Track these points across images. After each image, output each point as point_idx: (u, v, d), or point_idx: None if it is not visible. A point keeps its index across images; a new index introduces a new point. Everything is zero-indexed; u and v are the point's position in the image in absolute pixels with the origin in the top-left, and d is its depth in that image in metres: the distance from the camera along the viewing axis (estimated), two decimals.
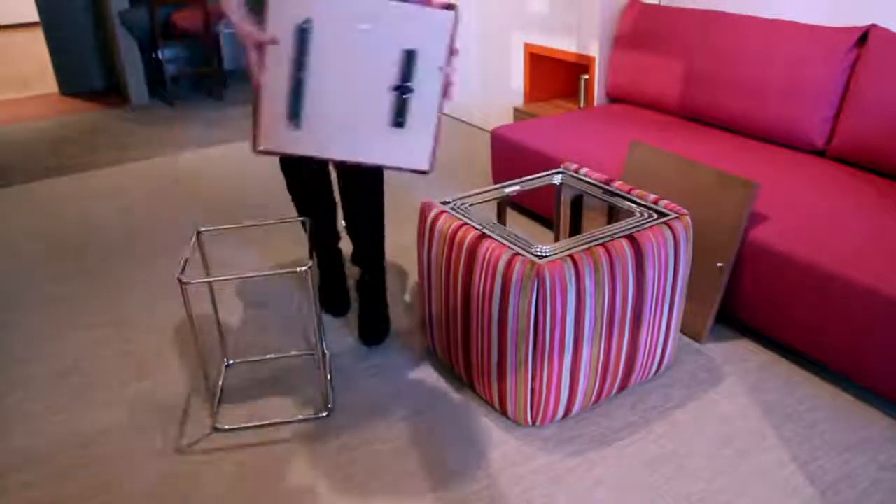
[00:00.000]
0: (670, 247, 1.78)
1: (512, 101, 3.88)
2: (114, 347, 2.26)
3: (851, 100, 2.37)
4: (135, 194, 3.51)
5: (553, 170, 2.16)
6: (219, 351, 2.20)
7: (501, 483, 1.66)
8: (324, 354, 2.14)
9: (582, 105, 3.44)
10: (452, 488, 1.65)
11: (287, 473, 1.72)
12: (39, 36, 8.20)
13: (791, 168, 2.40)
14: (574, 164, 2.14)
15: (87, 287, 2.64)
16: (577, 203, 2.16)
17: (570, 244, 1.69)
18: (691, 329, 2.15)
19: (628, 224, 1.79)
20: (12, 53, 7.40)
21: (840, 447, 1.72)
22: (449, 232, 1.81)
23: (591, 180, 2.05)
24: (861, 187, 2.23)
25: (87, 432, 1.89)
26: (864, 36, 2.40)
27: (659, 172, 2.23)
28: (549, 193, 2.75)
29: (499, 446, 1.77)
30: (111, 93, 5.62)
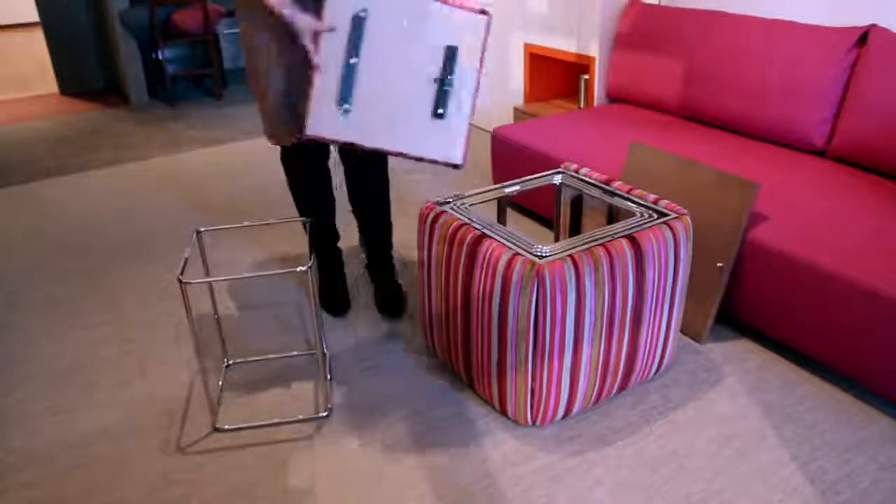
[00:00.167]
0: (670, 247, 1.78)
1: (512, 101, 3.88)
2: (114, 347, 2.26)
3: (851, 100, 2.37)
4: (135, 194, 3.51)
5: (553, 170, 2.16)
6: (219, 351, 2.20)
7: (501, 483, 1.66)
8: (324, 354, 2.14)
9: (582, 105, 3.44)
10: (453, 488, 1.65)
11: (287, 473, 1.72)
12: (39, 36, 8.21)
13: (791, 168, 2.40)
14: (574, 164, 2.14)
15: (87, 287, 2.64)
16: (577, 203, 2.16)
17: (570, 244, 1.69)
18: (691, 329, 2.15)
19: (628, 224, 1.79)
20: (12, 53, 7.40)
21: (840, 447, 1.72)
22: (449, 232, 1.81)
23: (591, 180, 2.05)
24: (861, 187, 2.24)
25: (87, 432, 1.89)
26: (864, 36, 2.40)
27: (659, 172, 2.23)
28: (549, 193, 2.76)
29: (499, 446, 1.77)
30: (111, 93, 5.62)
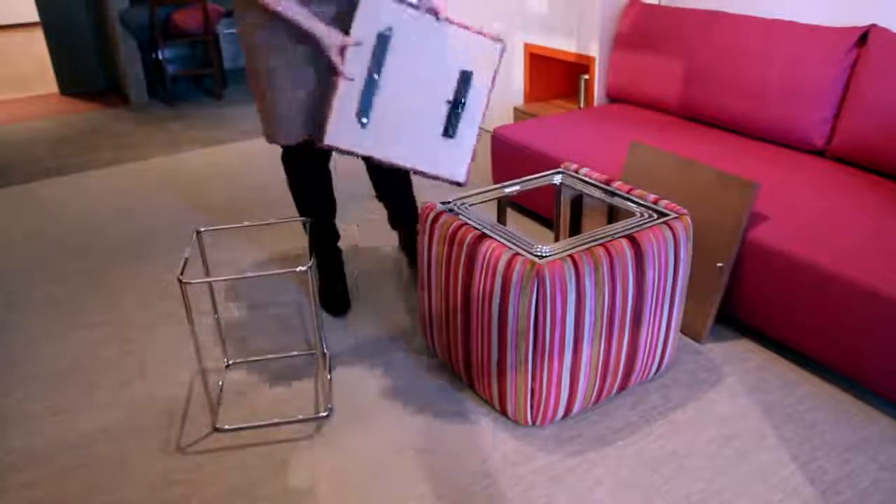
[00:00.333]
0: (670, 247, 1.78)
1: (512, 101, 3.88)
2: (114, 347, 2.26)
3: (851, 100, 2.37)
4: (135, 194, 3.51)
5: (553, 170, 2.16)
6: (219, 351, 2.20)
7: (501, 483, 1.66)
8: (324, 354, 2.14)
9: (582, 105, 3.44)
10: (452, 488, 1.65)
11: (287, 473, 1.72)
12: (39, 36, 8.21)
13: (791, 168, 2.40)
14: (574, 164, 2.14)
15: (87, 287, 2.64)
16: (577, 203, 2.16)
17: (570, 244, 1.69)
18: (691, 329, 2.15)
19: (628, 224, 1.79)
20: (12, 53, 7.40)
21: (840, 447, 1.72)
22: (449, 232, 1.81)
23: (591, 180, 2.05)
24: (861, 187, 2.23)
25: (88, 432, 1.89)
26: (864, 36, 2.40)
27: (659, 172, 2.23)
28: (549, 193, 2.76)
29: (499, 446, 1.77)
30: (111, 93, 5.62)
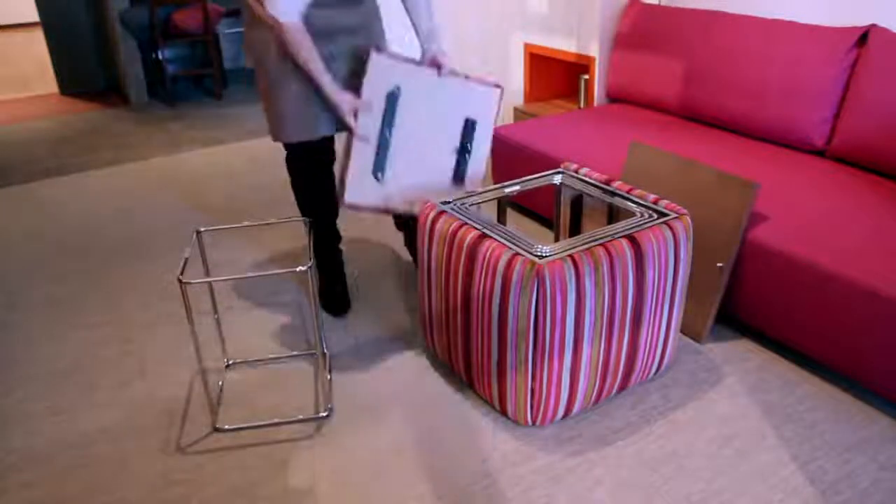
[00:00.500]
0: (670, 247, 1.78)
1: (512, 101, 3.88)
2: (114, 347, 2.26)
3: (851, 100, 2.37)
4: (135, 194, 3.51)
5: (553, 170, 2.16)
6: (219, 351, 2.20)
7: (501, 483, 1.66)
8: (324, 354, 2.14)
9: (582, 105, 3.44)
10: (452, 488, 1.65)
11: (287, 473, 1.72)
12: (39, 36, 8.21)
13: (791, 168, 2.40)
14: (574, 164, 2.14)
15: (87, 287, 2.64)
16: (577, 203, 2.16)
17: (570, 244, 1.69)
18: (691, 329, 2.15)
19: (628, 224, 1.78)
20: (12, 53, 7.40)
21: (840, 447, 1.72)
22: (449, 232, 1.81)
23: (591, 180, 2.05)
24: (861, 187, 2.23)
25: (88, 432, 1.89)
26: (864, 36, 2.40)
27: (659, 172, 2.23)
28: (549, 193, 2.75)
29: (499, 446, 1.77)
30: (111, 93, 5.62)
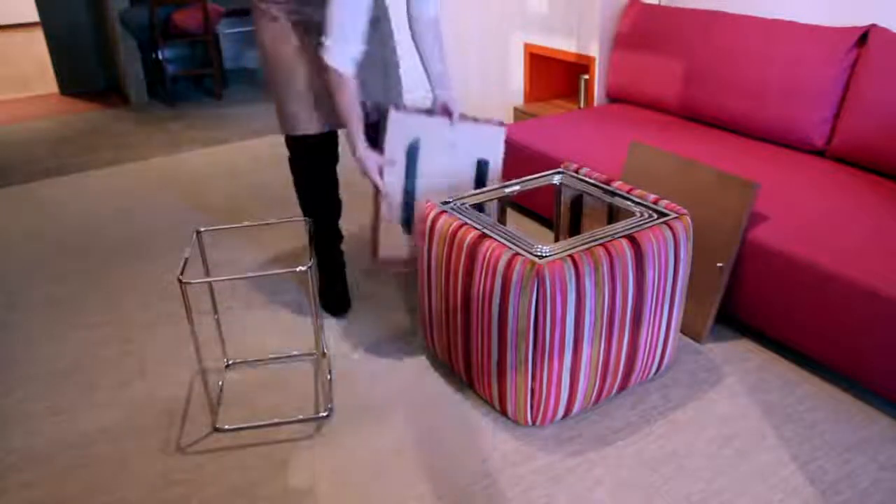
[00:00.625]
0: (670, 247, 1.78)
1: (512, 101, 3.88)
2: (114, 347, 2.26)
3: (851, 100, 2.37)
4: (135, 194, 3.51)
5: (553, 170, 2.16)
6: (219, 351, 2.20)
7: (501, 483, 1.66)
8: (324, 354, 2.14)
9: (582, 105, 3.44)
10: (452, 488, 1.65)
11: (287, 473, 1.72)
12: (39, 36, 8.20)
13: (791, 168, 2.40)
14: (574, 164, 2.14)
15: (87, 287, 2.64)
16: (577, 203, 2.16)
17: (570, 244, 1.69)
18: (691, 329, 2.15)
19: (628, 224, 1.78)
20: (12, 53, 7.40)
21: (840, 447, 1.72)
22: (449, 232, 1.81)
23: (591, 180, 2.05)
24: (861, 187, 2.23)
25: (88, 432, 1.89)
26: (864, 36, 2.40)
27: (659, 172, 2.23)
28: (549, 193, 2.75)
29: (499, 446, 1.77)
30: (111, 93, 5.62)
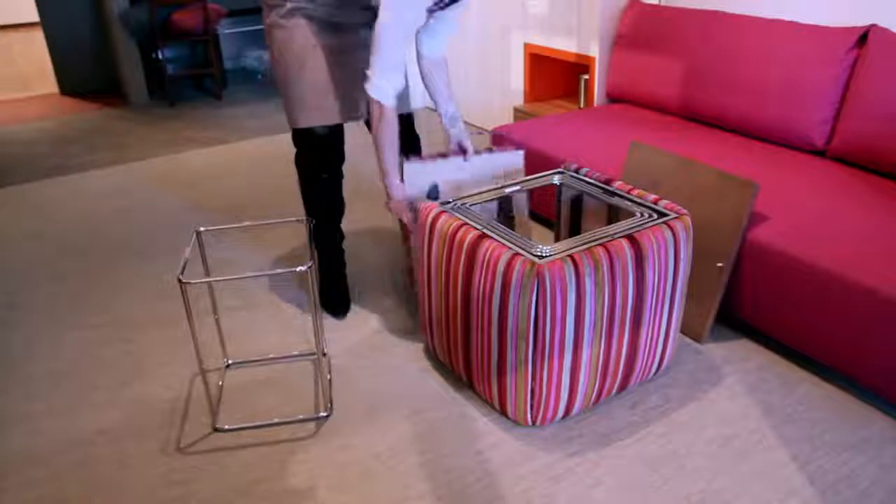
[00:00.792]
0: (670, 247, 1.78)
1: (512, 101, 3.88)
2: (114, 347, 2.26)
3: (851, 100, 2.37)
4: (135, 194, 3.51)
5: (553, 170, 2.16)
6: (219, 351, 2.20)
7: (501, 483, 1.66)
8: (324, 354, 2.14)
9: (582, 105, 3.44)
10: (452, 488, 1.65)
11: (287, 473, 1.72)
12: (39, 36, 8.20)
13: (791, 168, 2.40)
14: (574, 164, 2.14)
15: (87, 287, 2.64)
16: (577, 203, 2.16)
17: (570, 244, 1.69)
18: (691, 329, 2.15)
19: (628, 224, 1.78)
20: (12, 53, 7.40)
21: (840, 447, 1.72)
22: (449, 232, 1.81)
23: (591, 180, 2.05)
24: (861, 187, 2.23)
25: (87, 432, 1.89)
26: (864, 36, 2.40)
27: (659, 172, 2.23)
28: (549, 193, 2.75)
29: (499, 446, 1.77)
30: (111, 93, 5.62)
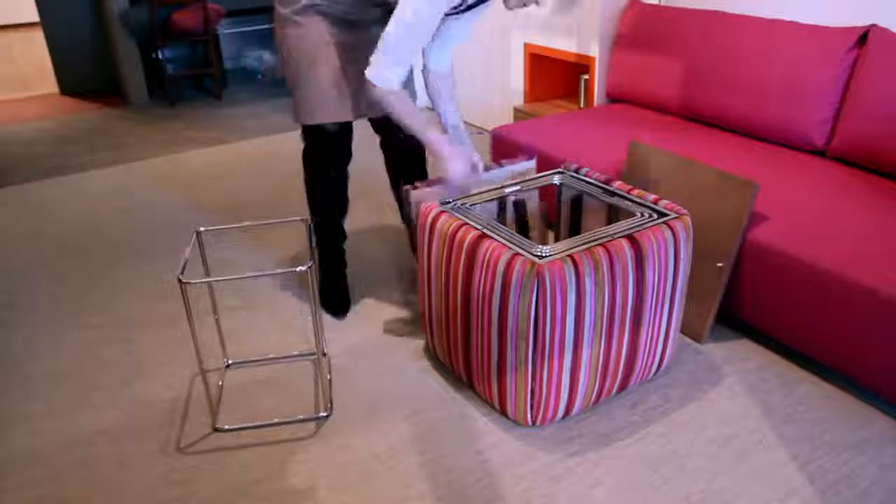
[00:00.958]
0: (670, 247, 1.78)
1: (512, 101, 3.88)
2: (114, 347, 2.26)
3: (851, 100, 2.37)
4: (135, 194, 3.51)
5: (553, 170, 2.16)
6: (219, 351, 2.20)
7: (501, 483, 1.66)
8: (324, 354, 2.14)
9: (582, 105, 3.44)
10: (452, 488, 1.65)
11: (287, 473, 1.72)
12: (39, 36, 8.19)
13: (791, 168, 2.40)
14: (574, 164, 2.14)
15: (87, 287, 2.64)
16: (577, 203, 2.16)
17: (570, 244, 1.69)
18: (691, 329, 2.15)
19: (628, 224, 1.78)
20: (12, 53, 7.40)
21: (840, 447, 1.72)
22: (449, 232, 1.81)
23: (591, 180, 2.05)
24: (861, 187, 2.23)
25: (87, 432, 1.89)
26: (864, 36, 2.40)
27: (659, 172, 2.23)
28: (549, 193, 2.75)
29: (499, 446, 1.77)
30: (111, 93, 5.62)
